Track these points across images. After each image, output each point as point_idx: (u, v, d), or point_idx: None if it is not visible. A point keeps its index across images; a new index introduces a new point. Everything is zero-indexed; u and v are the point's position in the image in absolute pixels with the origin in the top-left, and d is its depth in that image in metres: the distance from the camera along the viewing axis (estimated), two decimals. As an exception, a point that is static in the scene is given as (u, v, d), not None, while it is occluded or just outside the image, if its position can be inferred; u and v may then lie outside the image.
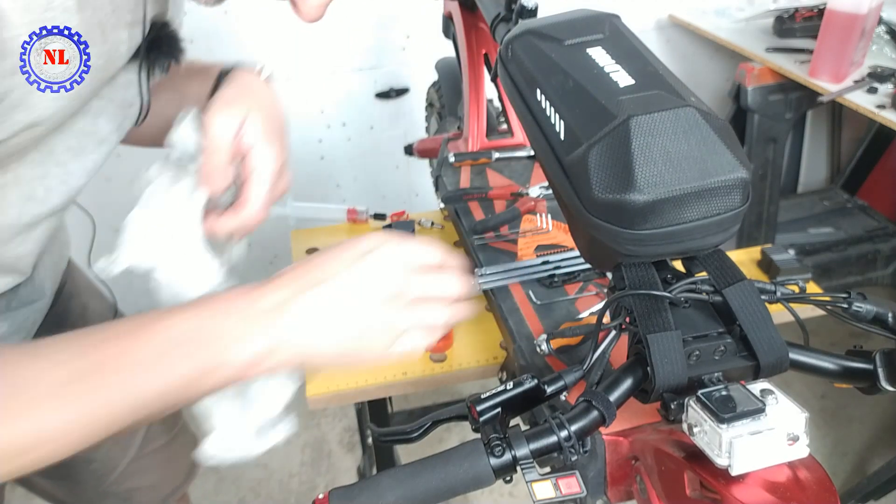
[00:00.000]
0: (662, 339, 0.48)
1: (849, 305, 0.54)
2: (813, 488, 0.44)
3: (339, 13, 2.01)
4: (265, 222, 0.66)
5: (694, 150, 0.48)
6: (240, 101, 0.64)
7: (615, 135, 0.49)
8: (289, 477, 1.91)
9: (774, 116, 2.02)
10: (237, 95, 0.65)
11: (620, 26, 0.62)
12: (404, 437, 0.54)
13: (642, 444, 0.55)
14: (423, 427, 0.54)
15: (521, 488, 0.76)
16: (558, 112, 0.56)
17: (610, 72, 0.55)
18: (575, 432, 0.47)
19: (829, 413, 1.99)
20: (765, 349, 0.49)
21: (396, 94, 2.19)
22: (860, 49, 1.76)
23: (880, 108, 1.61)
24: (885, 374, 0.51)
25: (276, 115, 0.68)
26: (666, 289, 0.51)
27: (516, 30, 0.65)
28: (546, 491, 0.47)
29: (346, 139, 2.23)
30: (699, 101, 0.52)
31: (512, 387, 0.52)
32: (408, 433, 0.54)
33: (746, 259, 1.23)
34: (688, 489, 0.47)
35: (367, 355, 0.54)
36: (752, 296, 0.50)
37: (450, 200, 1.16)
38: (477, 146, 1.27)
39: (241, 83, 0.68)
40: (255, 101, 0.66)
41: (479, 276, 0.95)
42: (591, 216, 0.51)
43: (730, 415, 0.43)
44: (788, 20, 2.05)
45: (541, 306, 0.88)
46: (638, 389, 0.51)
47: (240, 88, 0.67)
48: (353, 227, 1.37)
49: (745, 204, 0.50)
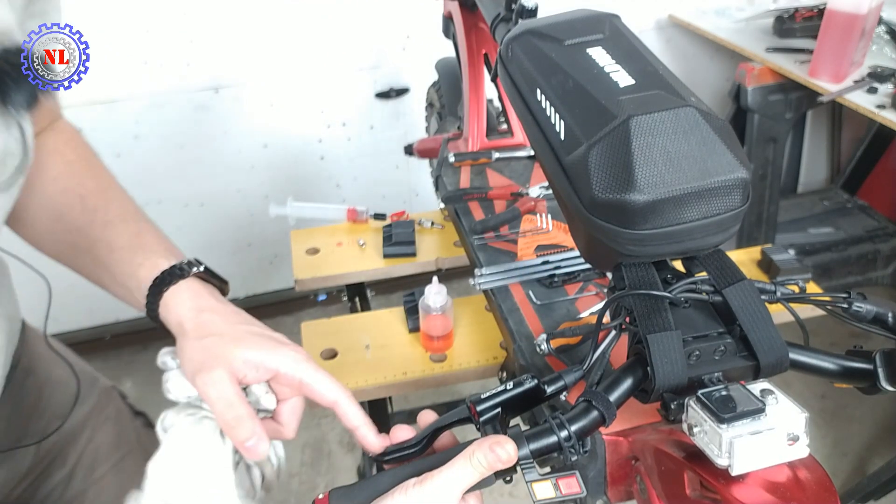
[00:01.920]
0: (662, 339, 0.48)
1: (849, 305, 0.54)
2: (813, 488, 0.44)
3: (339, 13, 2.01)
4: (265, 222, 0.66)
5: (694, 150, 0.48)
6: (213, 359, 0.55)
7: (615, 135, 0.49)
8: (289, 477, 1.91)
9: (774, 116, 2.02)
10: (204, 352, 0.56)
11: (620, 26, 0.62)
12: (406, 452, 0.53)
13: (642, 444, 0.55)
14: (426, 437, 0.53)
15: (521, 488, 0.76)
16: (558, 112, 0.56)
17: (610, 72, 0.55)
18: (575, 432, 0.47)
19: (829, 413, 1.99)
20: (765, 349, 0.49)
21: (396, 94, 2.19)
22: (860, 49, 1.76)
23: (880, 108, 1.61)
24: (885, 374, 0.51)
25: (243, 327, 0.59)
26: (666, 289, 0.51)
27: (516, 30, 0.65)
28: (546, 491, 0.47)
29: (346, 139, 2.23)
30: (699, 101, 0.52)
31: (512, 387, 0.52)
32: (411, 447, 0.53)
33: (746, 259, 1.23)
34: (688, 489, 0.47)
35: None
36: (752, 296, 0.50)
37: (450, 200, 1.16)
38: (477, 146, 1.27)
39: (198, 325, 0.58)
40: (231, 341, 0.56)
41: (479, 276, 0.95)
42: (591, 216, 0.51)
43: (730, 415, 0.43)
44: (788, 20, 2.05)
45: (541, 306, 0.88)
46: (638, 389, 0.51)
47: (200, 333, 0.57)
48: (353, 226, 1.37)
49: (745, 204, 0.50)
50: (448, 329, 1.05)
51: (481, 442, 0.47)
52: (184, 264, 0.61)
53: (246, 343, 0.57)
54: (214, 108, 2.05)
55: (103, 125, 1.96)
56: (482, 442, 0.47)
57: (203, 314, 0.58)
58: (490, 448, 0.46)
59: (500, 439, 0.47)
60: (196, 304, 0.59)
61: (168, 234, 0.67)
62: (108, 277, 0.64)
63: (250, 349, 0.56)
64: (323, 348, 1.08)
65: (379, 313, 1.16)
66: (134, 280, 0.61)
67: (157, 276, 0.60)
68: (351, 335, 1.10)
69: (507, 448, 0.46)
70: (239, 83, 2.04)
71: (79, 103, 1.90)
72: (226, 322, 0.58)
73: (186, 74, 1.98)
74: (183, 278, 0.60)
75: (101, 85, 1.90)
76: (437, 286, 1.02)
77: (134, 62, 1.91)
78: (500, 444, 0.46)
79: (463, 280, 1.00)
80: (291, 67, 2.06)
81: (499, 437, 0.47)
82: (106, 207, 0.66)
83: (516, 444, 0.47)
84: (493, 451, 0.46)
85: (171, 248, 0.65)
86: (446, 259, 1.27)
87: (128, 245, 0.63)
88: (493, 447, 0.46)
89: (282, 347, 0.58)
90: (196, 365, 0.56)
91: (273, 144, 2.16)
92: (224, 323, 0.58)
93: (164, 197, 2.12)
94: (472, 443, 0.48)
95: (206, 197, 2.18)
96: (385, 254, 1.27)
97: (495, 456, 0.46)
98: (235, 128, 2.11)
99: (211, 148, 2.11)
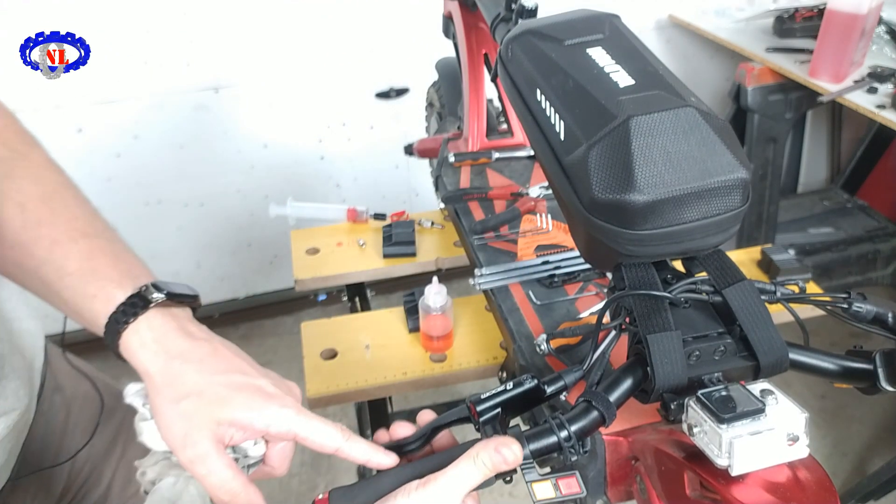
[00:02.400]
0: (662, 340, 0.48)
1: (849, 305, 0.54)
2: (813, 488, 0.44)
3: (339, 13, 2.01)
4: (265, 222, 0.64)
5: (694, 151, 0.48)
6: (195, 430, 0.50)
7: (615, 135, 0.49)
8: (289, 477, 1.91)
9: (774, 116, 2.02)
10: (184, 421, 0.50)
11: (620, 26, 0.62)
12: (405, 448, 0.54)
13: (642, 445, 0.55)
14: (424, 435, 0.53)
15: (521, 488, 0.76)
16: (558, 112, 0.56)
17: (610, 72, 0.55)
18: (575, 432, 0.47)
19: (829, 413, 1.99)
20: (765, 349, 0.49)
21: (396, 94, 2.19)
22: (860, 49, 1.76)
23: (880, 108, 1.61)
24: (885, 374, 0.51)
25: (220, 378, 0.52)
26: (666, 289, 0.51)
27: (516, 30, 0.65)
28: (546, 491, 0.47)
29: (346, 139, 2.22)
30: (699, 101, 0.52)
31: (512, 387, 0.52)
32: (410, 443, 0.54)
33: (746, 259, 1.23)
34: (688, 489, 0.47)
35: None
36: (752, 296, 0.50)
37: (450, 200, 1.16)
38: (477, 146, 1.27)
39: (170, 379, 0.51)
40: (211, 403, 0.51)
41: (479, 276, 0.95)
42: (591, 216, 0.51)
43: (730, 415, 0.43)
44: (788, 20, 2.05)
45: (541, 306, 0.88)
46: (638, 389, 0.51)
47: (175, 393, 0.51)
48: (353, 226, 1.37)
49: (745, 204, 0.50)
50: (448, 329, 1.05)
51: (486, 443, 0.47)
52: (142, 291, 0.53)
53: (229, 404, 0.51)
54: (214, 108, 2.05)
55: (103, 125, 1.96)
56: (487, 443, 0.47)
57: (173, 364, 0.51)
58: (496, 450, 0.46)
59: (505, 440, 0.47)
60: (162, 347, 0.52)
61: (168, 235, 0.65)
62: (62, 304, 0.56)
63: (236, 411, 0.50)
64: (323, 348, 1.08)
65: (379, 313, 1.16)
66: (88, 313, 0.54)
67: (112, 313, 0.52)
68: (351, 335, 1.10)
69: (513, 449, 0.46)
70: (239, 83, 2.04)
71: (79, 103, 1.90)
72: (200, 373, 0.51)
73: (186, 74, 1.98)
74: (144, 310, 0.52)
75: (101, 85, 1.90)
76: (437, 286, 1.02)
77: (134, 62, 1.91)
78: (506, 445, 0.46)
79: (463, 280, 1.00)
80: (291, 67, 2.06)
81: (504, 438, 0.47)
82: (52, 221, 0.56)
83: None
84: (499, 452, 0.46)
85: (129, 268, 0.56)
86: (446, 259, 1.27)
87: (78, 270, 0.54)
88: (498, 448, 0.46)
89: (269, 405, 0.51)
90: (178, 438, 0.50)
91: (273, 144, 2.16)
92: (198, 374, 0.51)
93: (164, 197, 2.12)
94: (476, 444, 0.47)
95: (206, 197, 2.18)
96: (385, 254, 1.27)
97: (501, 457, 0.46)
98: (235, 128, 2.11)
99: (211, 148, 2.11)
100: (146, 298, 0.53)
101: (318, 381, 1.02)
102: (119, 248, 0.58)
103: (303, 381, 1.02)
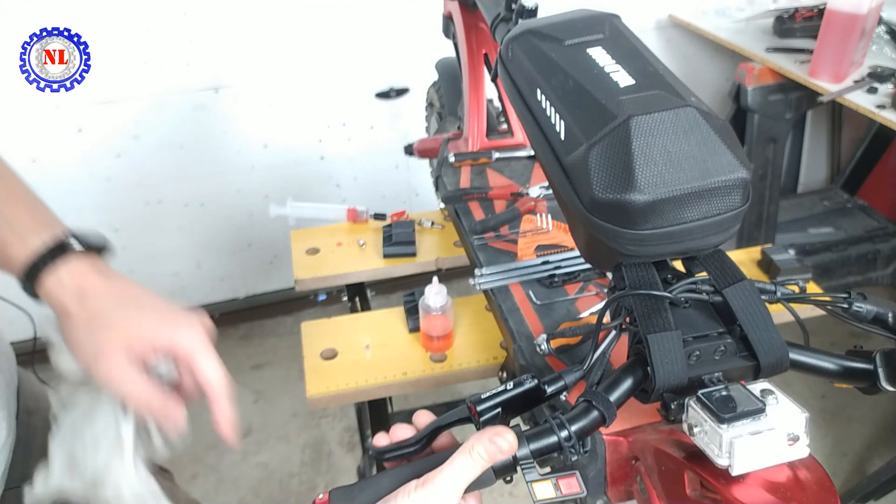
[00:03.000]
0: (662, 339, 0.48)
1: (849, 305, 0.54)
2: (813, 488, 0.44)
3: (339, 13, 2.01)
4: (265, 222, 0.65)
5: (694, 150, 0.48)
6: (106, 343, 0.54)
7: (615, 135, 0.49)
8: (289, 477, 1.91)
9: (774, 116, 2.02)
10: (95, 339, 0.54)
11: (620, 26, 0.62)
12: (406, 450, 0.53)
13: (642, 444, 0.55)
14: (424, 436, 0.53)
15: (521, 488, 0.76)
16: (558, 112, 0.56)
17: (610, 72, 0.55)
18: (575, 432, 0.47)
19: (829, 413, 1.99)
20: (765, 349, 0.49)
21: (396, 94, 2.19)
22: (860, 49, 1.76)
23: (880, 108, 1.61)
24: (885, 374, 0.51)
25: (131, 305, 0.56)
26: (666, 289, 0.51)
27: (516, 30, 0.65)
28: (546, 491, 0.47)
29: (346, 139, 2.22)
30: (699, 101, 0.52)
31: (512, 387, 0.52)
32: (410, 445, 0.53)
33: (746, 259, 1.23)
34: (688, 489, 0.47)
35: None
36: (753, 296, 0.50)
37: (450, 200, 1.16)
38: (477, 146, 1.27)
39: (84, 310, 0.55)
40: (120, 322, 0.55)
41: (479, 276, 0.95)
42: (592, 216, 0.51)
43: (730, 415, 0.43)
44: (788, 20, 2.05)
45: (541, 306, 0.88)
46: (638, 389, 0.51)
47: (87, 318, 0.55)
48: (353, 226, 1.37)
49: (745, 204, 0.50)
50: (448, 329, 1.05)
51: (479, 435, 0.47)
52: (61, 241, 0.56)
53: (139, 323, 0.55)
54: (214, 108, 2.05)
55: (103, 125, 1.96)
56: (480, 435, 0.47)
57: (87, 297, 0.55)
58: (490, 439, 0.46)
59: (498, 429, 0.47)
60: (79, 286, 0.55)
61: (168, 235, 0.65)
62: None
63: (143, 327, 0.55)
64: (323, 348, 1.08)
65: (379, 313, 1.16)
66: (4, 261, 0.57)
67: (32, 259, 0.55)
68: (351, 335, 1.10)
69: (507, 438, 0.46)
70: (239, 83, 2.04)
71: (79, 103, 1.90)
72: (114, 300, 0.56)
73: (186, 74, 1.98)
74: (63, 257, 0.56)
75: (101, 85, 1.90)
76: (437, 286, 1.02)
77: (134, 62, 1.91)
78: (499, 434, 0.46)
79: (463, 280, 1.00)
80: (291, 67, 2.06)
81: (498, 427, 0.47)
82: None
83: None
84: (494, 441, 0.46)
85: (44, 218, 0.59)
86: (446, 259, 1.27)
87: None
88: (492, 438, 0.46)
89: (177, 322, 0.56)
90: (90, 355, 0.54)
91: (273, 144, 2.16)
92: (112, 301, 0.55)
93: (164, 197, 2.12)
94: (470, 437, 0.48)
95: (206, 197, 2.18)
96: (385, 254, 1.27)
97: (496, 447, 0.46)
98: (235, 128, 2.11)
99: (211, 148, 2.11)
100: (67, 245, 0.56)
101: (318, 382, 1.02)
102: (32, 196, 0.61)
103: (303, 381, 1.02)
